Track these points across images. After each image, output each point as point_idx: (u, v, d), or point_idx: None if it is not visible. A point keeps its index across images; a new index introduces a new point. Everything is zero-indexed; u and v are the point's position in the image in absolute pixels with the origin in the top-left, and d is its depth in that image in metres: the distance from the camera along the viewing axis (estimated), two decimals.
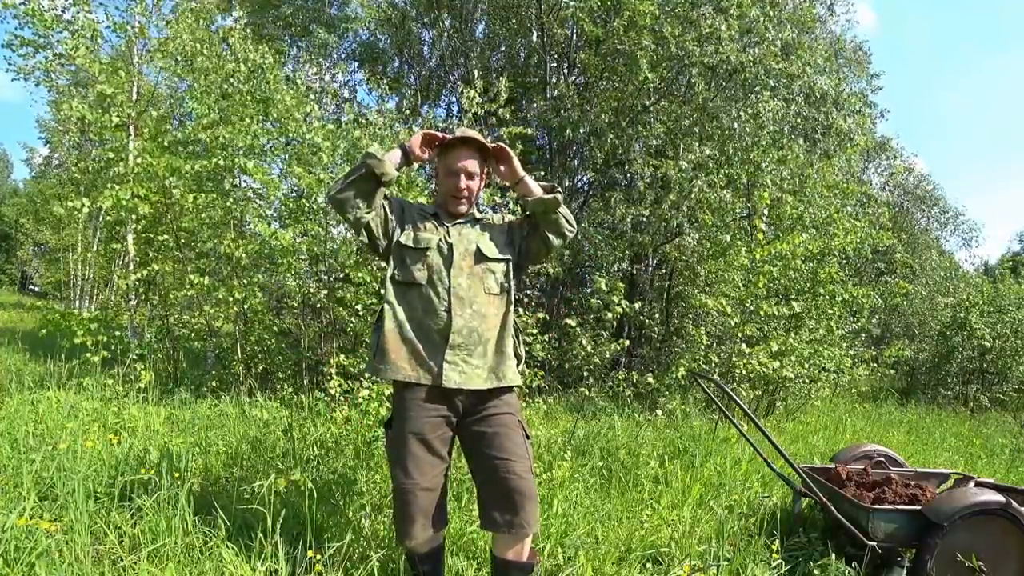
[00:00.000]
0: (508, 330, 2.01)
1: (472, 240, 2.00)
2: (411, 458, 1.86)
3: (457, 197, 2.01)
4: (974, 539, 2.40)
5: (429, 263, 1.95)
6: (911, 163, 18.35)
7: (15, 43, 5.71)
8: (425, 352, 1.90)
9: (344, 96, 12.10)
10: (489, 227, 2.08)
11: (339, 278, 5.58)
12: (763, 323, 6.05)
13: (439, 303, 1.91)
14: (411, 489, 1.84)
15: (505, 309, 2.02)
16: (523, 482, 1.83)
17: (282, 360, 5.85)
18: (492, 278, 2.00)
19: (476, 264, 1.98)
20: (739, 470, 3.77)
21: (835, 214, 6.89)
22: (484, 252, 1.99)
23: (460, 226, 2.03)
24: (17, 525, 2.05)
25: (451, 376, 1.87)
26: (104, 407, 4.08)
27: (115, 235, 6.31)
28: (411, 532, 1.86)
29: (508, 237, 2.09)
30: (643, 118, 8.22)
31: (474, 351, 1.91)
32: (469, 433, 1.93)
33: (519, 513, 1.82)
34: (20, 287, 33.94)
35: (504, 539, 1.89)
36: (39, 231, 23.42)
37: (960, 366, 10.62)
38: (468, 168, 1.99)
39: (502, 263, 2.04)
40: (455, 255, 1.96)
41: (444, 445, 1.93)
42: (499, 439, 1.88)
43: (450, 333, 1.89)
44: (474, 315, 1.93)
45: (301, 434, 3.52)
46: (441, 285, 1.93)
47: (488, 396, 1.93)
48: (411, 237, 1.98)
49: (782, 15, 8.04)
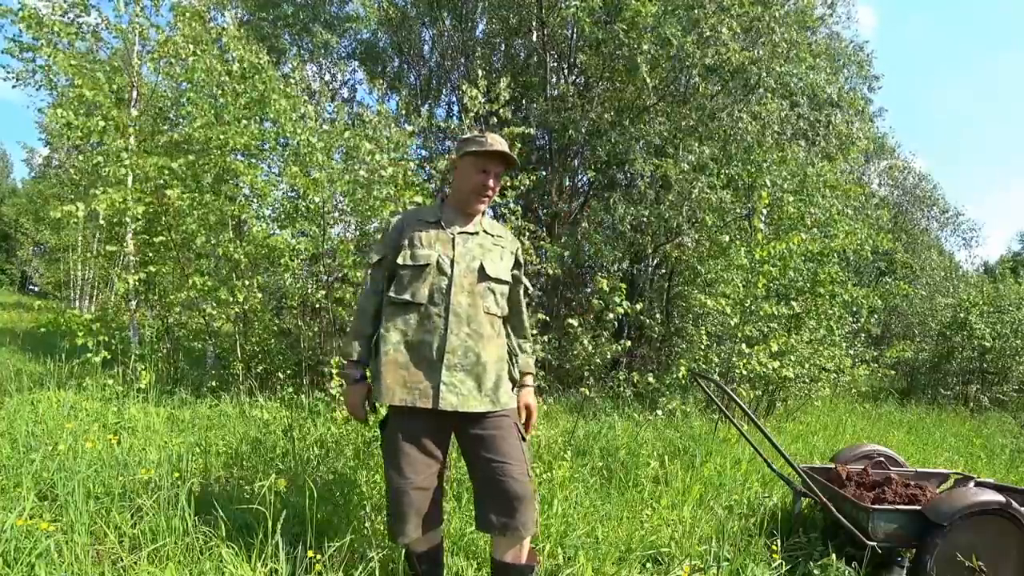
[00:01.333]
0: (505, 352, 2.00)
1: (476, 256, 1.95)
2: (404, 457, 1.86)
3: (481, 195, 1.99)
4: (974, 539, 2.40)
5: (429, 281, 1.91)
6: (910, 162, 18.38)
7: (14, 49, 5.70)
8: (421, 374, 1.87)
9: (344, 95, 12.12)
10: (498, 244, 2.03)
11: (338, 278, 5.58)
12: (763, 323, 6.04)
13: (437, 322, 1.88)
14: (404, 488, 1.84)
15: (505, 331, 2.02)
16: (519, 485, 1.83)
17: (282, 360, 5.84)
18: (492, 298, 1.96)
19: (478, 283, 1.93)
20: (739, 470, 3.77)
21: (836, 216, 6.88)
22: (487, 271, 1.95)
23: (467, 237, 1.98)
24: (17, 525, 2.05)
25: (448, 399, 1.85)
26: (104, 407, 4.08)
27: (114, 236, 6.30)
28: (404, 530, 1.85)
29: (512, 263, 2.08)
30: (644, 117, 8.22)
31: (471, 372, 1.88)
32: (466, 436, 1.92)
33: (515, 516, 1.82)
34: (20, 287, 33.94)
35: (501, 541, 1.89)
36: (39, 231, 23.42)
37: (960, 366, 10.61)
38: (497, 171, 1.99)
39: (504, 284, 2.01)
40: (456, 272, 1.91)
41: (439, 446, 1.92)
42: (496, 441, 1.87)
43: (445, 353, 1.86)
44: (471, 335, 1.89)
45: (301, 434, 3.53)
46: (440, 303, 1.89)
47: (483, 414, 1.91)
48: (408, 255, 1.93)
49: (782, 14, 8.03)
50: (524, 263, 2.19)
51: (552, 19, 9.16)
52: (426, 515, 1.88)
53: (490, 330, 1.93)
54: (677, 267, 9.04)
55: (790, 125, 8.27)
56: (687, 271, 8.76)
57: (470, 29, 11.07)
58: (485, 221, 2.07)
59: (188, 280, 5.38)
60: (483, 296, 1.93)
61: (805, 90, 8.28)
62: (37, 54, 5.69)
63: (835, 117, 9.00)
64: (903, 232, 15.82)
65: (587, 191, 9.96)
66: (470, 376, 1.87)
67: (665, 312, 8.94)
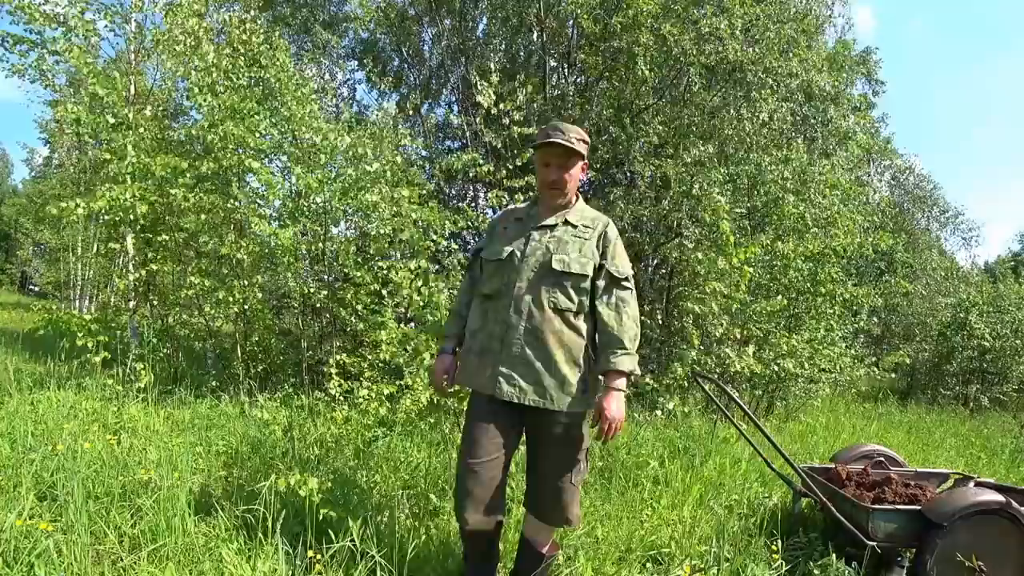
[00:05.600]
0: (577, 352, 1.91)
1: (550, 250, 1.92)
2: (471, 440, 1.93)
3: (551, 189, 1.99)
4: (974, 539, 2.40)
5: (502, 273, 1.95)
6: (911, 163, 18.40)
7: (8, 41, 5.64)
8: (486, 362, 1.93)
9: (344, 95, 12.12)
10: (580, 236, 1.96)
11: (339, 278, 5.58)
12: (759, 322, 6.03)
13: (504, 315, 1.91)
14: (464, 470, 1.91)
15: (577, 328, 1.92)
16: (562, 492, 1.93)
17: (282, 360, 5.84)
18: (562, 294, 1.90)
19: (545, 277, 1.90)
20: (739, 470, 3.77)
21: (836, 215, 6.87)
22: (555, 266, 1.90)
23: (546, 231, 1.96)
24: (16, 525, 2.05)
25: (504, 389, 1.88)
26: (104, 407, 4.07)
27: (114, 235, 6.27)
28: (463, 511, 1.91)
29: (597, 251, 1.96)
30: (643, 117, 8.22)
31: (530, 366, 1.87)
32: (529, 430, 1.99)
33: (551, 514, 1.96)
34: (20, 287, 33.93)
35: (534, 522, 2.02)
36: (39, 231, 23.42)
37: (960, 366, 10.61)
38: (558, 160, 1.96)
39: (578, 278, 1.91)
40: (525, 266, 1.92)
41: (507, 436, 1.94)
42: (550, 445, 1.94)
43: (504, 346, 1.89)
44: (533, 329, 1.88)
45: (301, 434, 3.52)
46: (507, 297, 1.92)
47: (550, 412, 1.91)
48: (489, 250, 2.02)
49: (782, 14, 8.03)
50: (613, 239, 2.00)
51: (552, 18, 9.16)
52: (486, 500, 1.90)
53: (558, 326, 1.89)
54: (677, 267, 9.04)
55: (787, 123, 8.26)
56: (687, 271, 8.75)
57: (470, 29, 11.07)
58: (573, 211, 2.02)
59: (188, 279, 5.36)
60: (550, 291, 1.89)
61: (801, 86, 8.27)
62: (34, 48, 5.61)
63: (831, 111, 9.00)
64: (903, 232, 15.82)
65: (587, 190, 9.96)
66: (529, 370, 1.88)
67: (665, 312, 8.94)
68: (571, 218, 2.00)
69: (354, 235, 6.15)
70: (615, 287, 1.95)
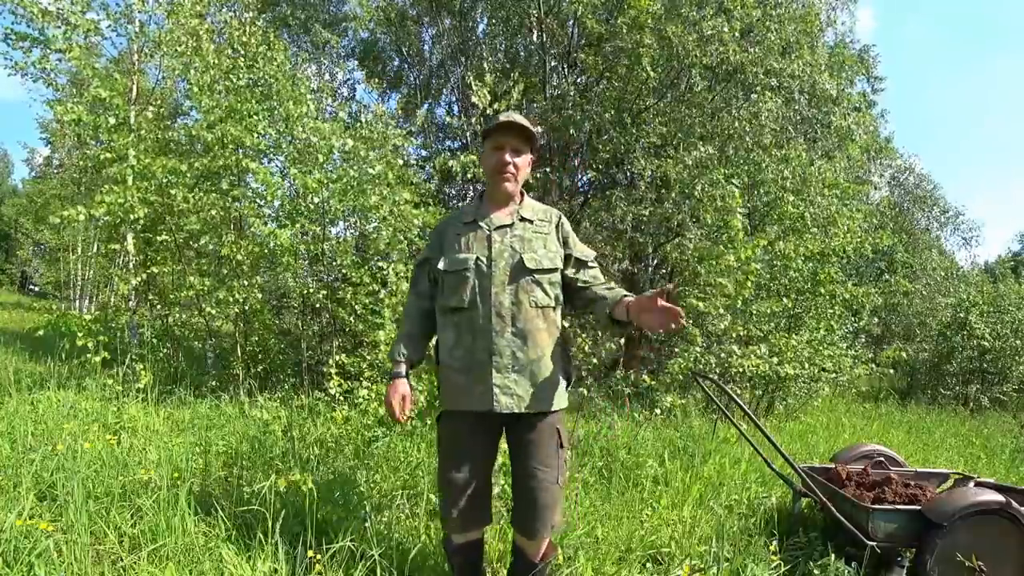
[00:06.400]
0: (561, 345, 1.93)
1: (517, 250, 1.89)
2: (452, 453, 1.92)
3: (502, 173, 1.90)
4: (974, 539, 2.40)
5: (469, 284, 1.87)
6: (911, 163, 18.41)
7: (11, 38, 5.63)
8: (474, 378, 1.86)
9: (343, 95, 12.11)
10: (539, 231, 1.94)
11: (338, 278, 5.58)
12: (759, 322, 6.04)
13: (483, 324, 1.85)
14: (448, 483, 1.89)
15: (556, 323, 1.93)
16: (547, 494, 1.88)
17: (282, 360, 5.84)
18: (539, 290, 1.89)
19: (520, 278, 1.87)
20: (739, 470, 3.77)
21: (836, 215, 6.88)
22: (527, 264, 1.88)
23: (505, 231, 1.91)
24: (16, 525, 2.05)
25: (502, 400, 1.84)
26: (104, 407, 4.08)
27: (114, 235, 6.27)
28: (449, 523, 1.91)
29: (559, 242, 1.97)
30: (644, 117, 8.22)
31: (524, 371, 1.86)
32: (511, 436, 1.96)
33: (536, 522, 1.90)
34: (20, 287, 33.94)
35: (520, 539, 1.98)
36: (39, 231, 23.42)
37: (960, 366, 10.61)
38: (512, 144, 1.91)
39: (551, 272, 1.92)
40: (495, 271, 1.86)
41: (488, 445, 1.95)
42: (533, 447, 1.89)
43: (493, 356, 1.84)
44: (518, 333, 1.86)
45: (301, 434, 3.53)
46: (483, 305, 1.86)
47: (533, 414, 1.91)
48: (447, 261, 1.92)
49: (783, 14, 8.03)
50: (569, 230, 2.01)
51: (552, 18, 9.16)
52: (471, 512, 1.90)
53: (541, 323, 1.88)
54: (677, 267, 9.04)
55: (788, 122, 8.27)
56: (687, 271, 8.76)
57: (470, 29, 11.07)
58: (524, 206, 1.98)
59: (187, 279, 5.37)
60: (528, 291, 1.87)
61: (803, 86, 8.27)
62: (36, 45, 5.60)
63: (834, 115, 9.00)
64: (903, 232, 15.83)
65: (587, 190, 9.96)
66: (523, 375, 1.85)
67: None
68: (525, 214, 1.96)
69: (354, 235, 6.16)
70: (585, 268, 2.00)
